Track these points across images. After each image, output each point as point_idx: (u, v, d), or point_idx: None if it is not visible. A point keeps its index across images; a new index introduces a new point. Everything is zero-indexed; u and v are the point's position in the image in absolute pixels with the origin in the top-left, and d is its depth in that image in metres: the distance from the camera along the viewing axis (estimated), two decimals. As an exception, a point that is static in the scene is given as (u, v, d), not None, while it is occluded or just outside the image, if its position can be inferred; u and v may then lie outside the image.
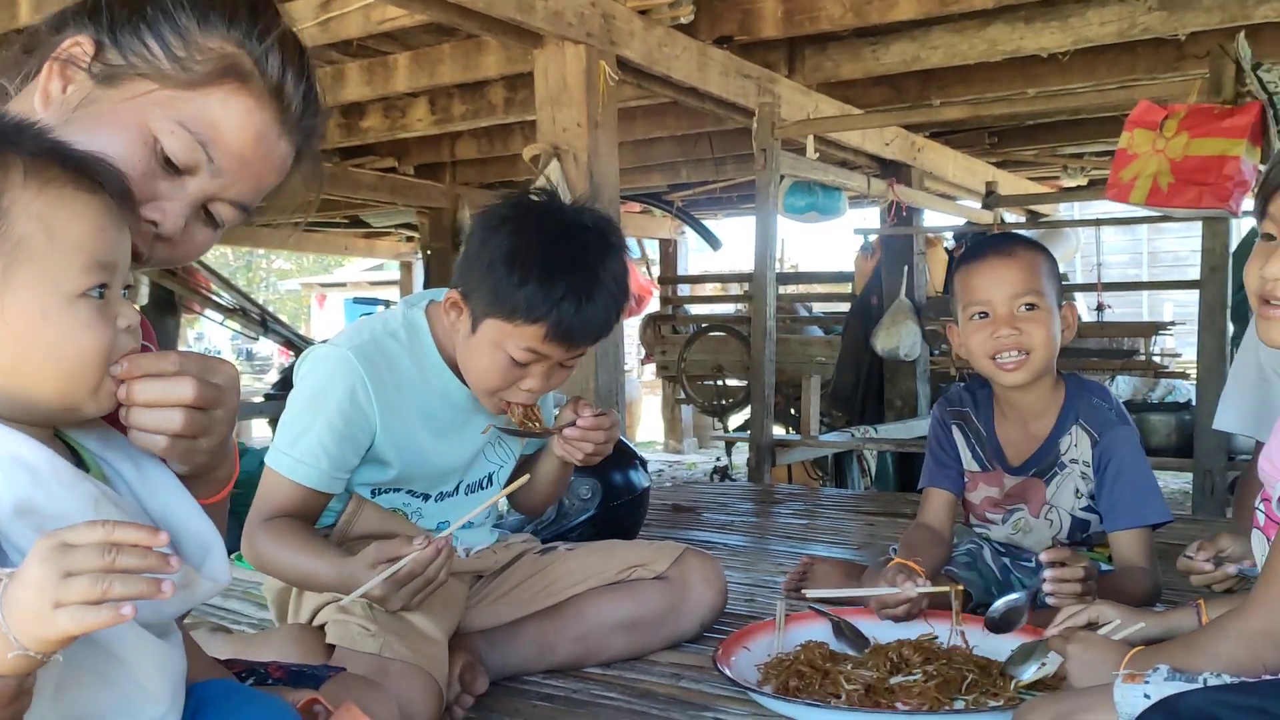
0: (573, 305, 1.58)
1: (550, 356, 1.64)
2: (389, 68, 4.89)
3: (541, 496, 1.93)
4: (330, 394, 1.64)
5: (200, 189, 1.08)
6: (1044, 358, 1.97)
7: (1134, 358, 5.96)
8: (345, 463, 1.66)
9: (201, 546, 0.97)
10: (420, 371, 1.73)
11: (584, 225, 1.65)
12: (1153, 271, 14.15)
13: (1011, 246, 2.01)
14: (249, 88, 1.08)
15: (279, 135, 1.11)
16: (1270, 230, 1.21)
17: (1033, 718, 1.25)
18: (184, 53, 1.05)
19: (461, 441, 1.80)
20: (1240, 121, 3.50)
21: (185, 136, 1.06)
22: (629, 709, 1.66)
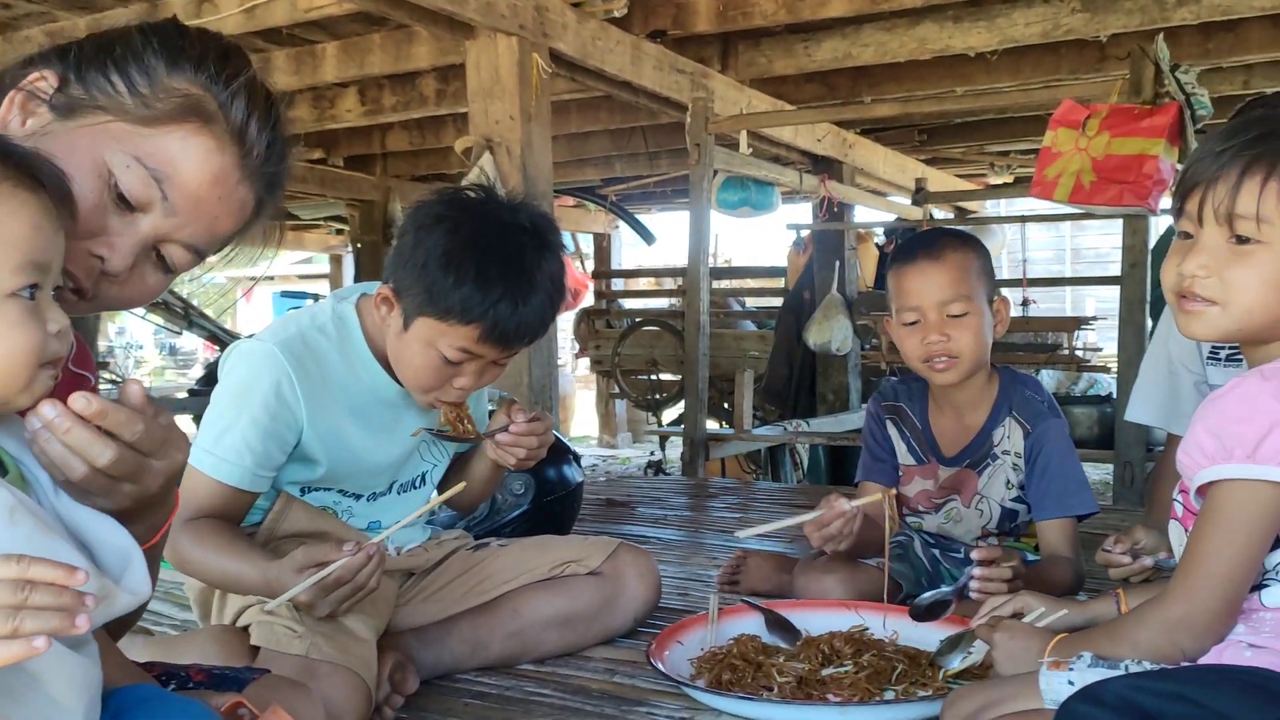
0: (509, 307, 1.57)
1: (484, 356, 1.62)
2: (317, 57, 4.79)
3: (474, 496, 1.91)
4: (255, 390, 1.60)
5: (153, 228, 1.07)
6: (973, 359, 2.01)
7: (1057, 352, 6.09)
8: (270, 460, 1.62)
9: (121, 557, 0.94)
10: (349, 368, 1.70)
11: (520, 225, 1.63)
12: (1075, 268, 14.52)
13: (941, 249, 2.01)
14: (210, 129, 1.07)
15: (238, 180, 1.10)
16: (1187, 228, 1.24)
17: (961, 706, 1.27)
18: (148, 90, 1.05)
19: (393, 440, 1.77)
20: (1159, 122, 3.59)
21: (141, 172, 1.04)
22: (562, 705, 1.65)
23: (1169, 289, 1.25)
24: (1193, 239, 1.23)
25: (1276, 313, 1.19)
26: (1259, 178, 1.17)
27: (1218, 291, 1.20)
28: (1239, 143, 1.20)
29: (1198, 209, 1.21)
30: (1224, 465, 1.15)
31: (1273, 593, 1.18)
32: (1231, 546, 1.15)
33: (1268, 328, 1.20)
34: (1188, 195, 1.23)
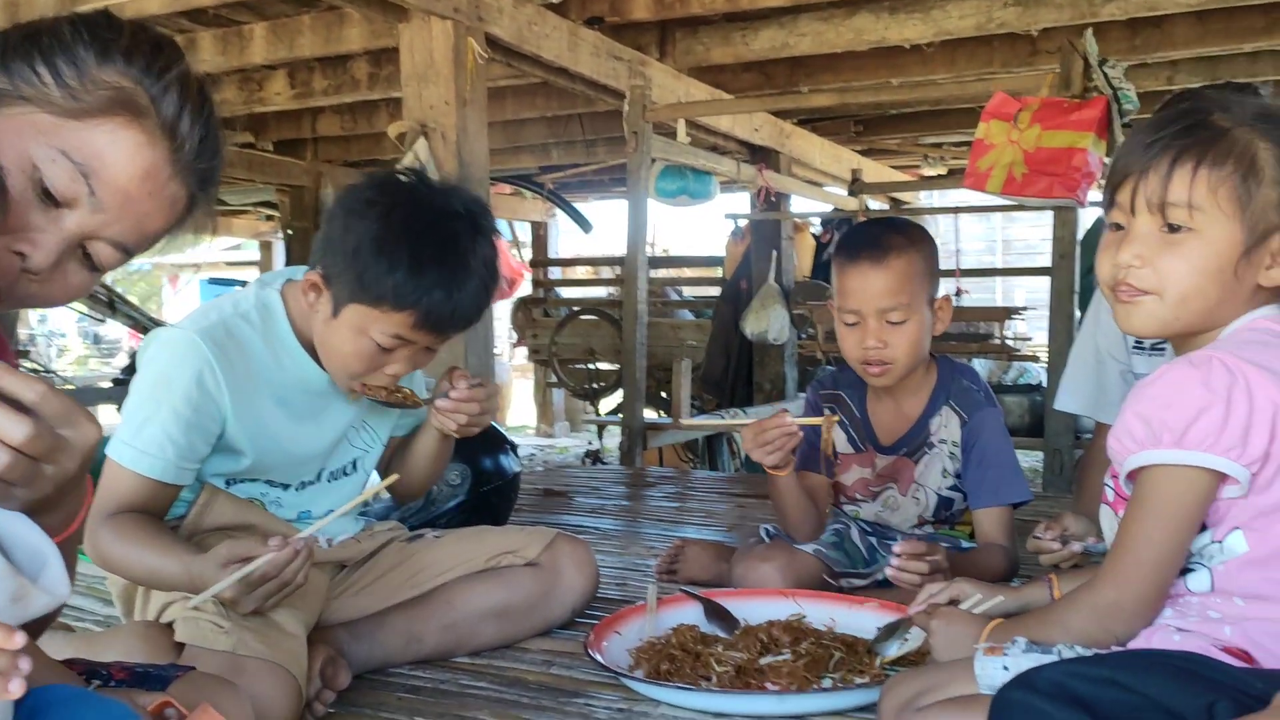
0: (443, 293, 1.54)
1: (417, 343, 1.60)
2: (245, 38, 4.68)
3: (421, 475, 1.86)
4: (176, 380, 1.54)
5: (79, 224, 1.02)
6: (908, 365, 2.03)
7: (989, 341, 6.20)
8: (193, 452, 1.57)
9: (36, 557, 0.90)
10: (274, 355, 1.65)
11: (454, 210, 1.60)
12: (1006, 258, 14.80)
13: (886, 253, 1.99)
14: (141, 123, 1.03)
15: (169, 176, 1.06)
16: (1118, 219, 1.26)
17: (899, 692, 1.27)
18: (76, 83, 1.00)
19: (320, 428, 1.73)
20: (1088, 115, 3.66)
21: (67, 166, 1.00)
22: (498, 698, 1.63)
23: (1105, 282, 1.27)
24: (1124, 230, 1.24)
25: (1212, 300, 1.21)
26: (1190, 166, 1.19)
27: (1152, 281, 1.21)
28: (1168, 134, 1.22)
29: (1130, 199, 1.22)
30: (1153, 450, 1.17)
31: (1198, 577, 1.20)
32: (1160, 531, 1.17)
33: (1204, 315, 1.22)
34: (1119, 186, 1.24)
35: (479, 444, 2.71)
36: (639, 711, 1.56)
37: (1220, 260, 1.19)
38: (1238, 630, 1.15)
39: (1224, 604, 1.17)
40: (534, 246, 10.25)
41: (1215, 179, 1.18)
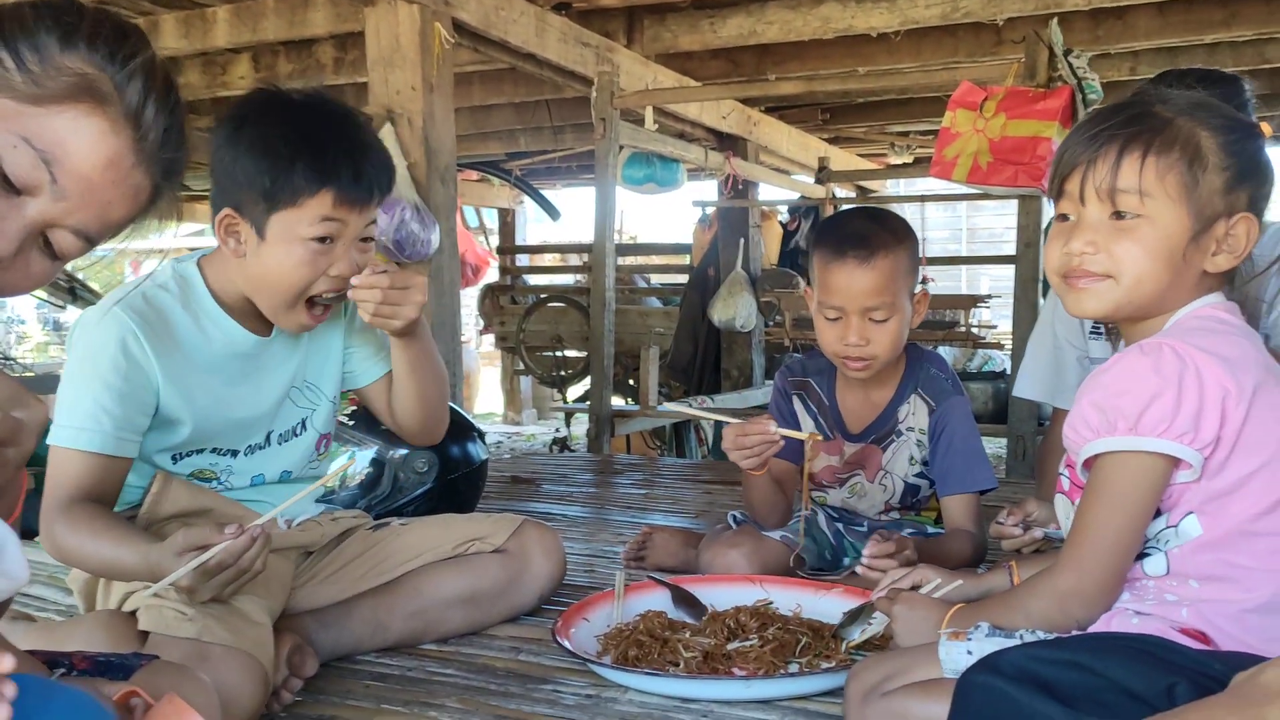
0: (349, 162, 1.58)
1: (346, 223, 1.60)
2: (207, 21, 4.61)
3: (412, 398, 1.81)
4: (101, 353, 1.55)
5: (40, 212, 1.00)
6: (887, 358, 2.04)
7: (954, 329, 6.26)
8: (130, 423, 1.56)
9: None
10: (196, 323, 1.65)
11: (323, 99, 1.66)
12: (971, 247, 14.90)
13: (873, 253, 1.97)
14: (104, 110, 1.01)
15: (133, 164, 1.04)
16: (1067, 210, 1.27)
17: (865, 677, 1.29)
18: (38, 68, 0.99)
19: (257, 390, 1.71)
20: (1052, 105, 3.69)
21: (28, 153, 0.98)
22: (466, 685, 1.63)
23: (1054, 271, 1.28)
24: (1072, 220, 1.26)
25: (1164, 283, 1.23)
26: (1137, 154, 1.21)
27: (1108, 265, 1.23)
28: (1114, 123, 1.24)
29: (1079, 189, 1.24)
30: (1108, 438, 1.19)
31: (1154, 561, 1.22)
32: (1117, 517, 1.19)
33: (1156, 299, 1.24)
34: (1067, 177, 1.26)
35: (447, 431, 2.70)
36: (607, 697, 1.56)
37: (1170, 245, 1.21)
38: (1194, 612, 1.17)
39: (1180, 587, 1.20)
40: (501, 233, 10.20)
41: (1163, 166, 1.21)
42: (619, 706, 1.53)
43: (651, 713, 1.50)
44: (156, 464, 1.65)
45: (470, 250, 8.55)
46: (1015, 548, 1.68)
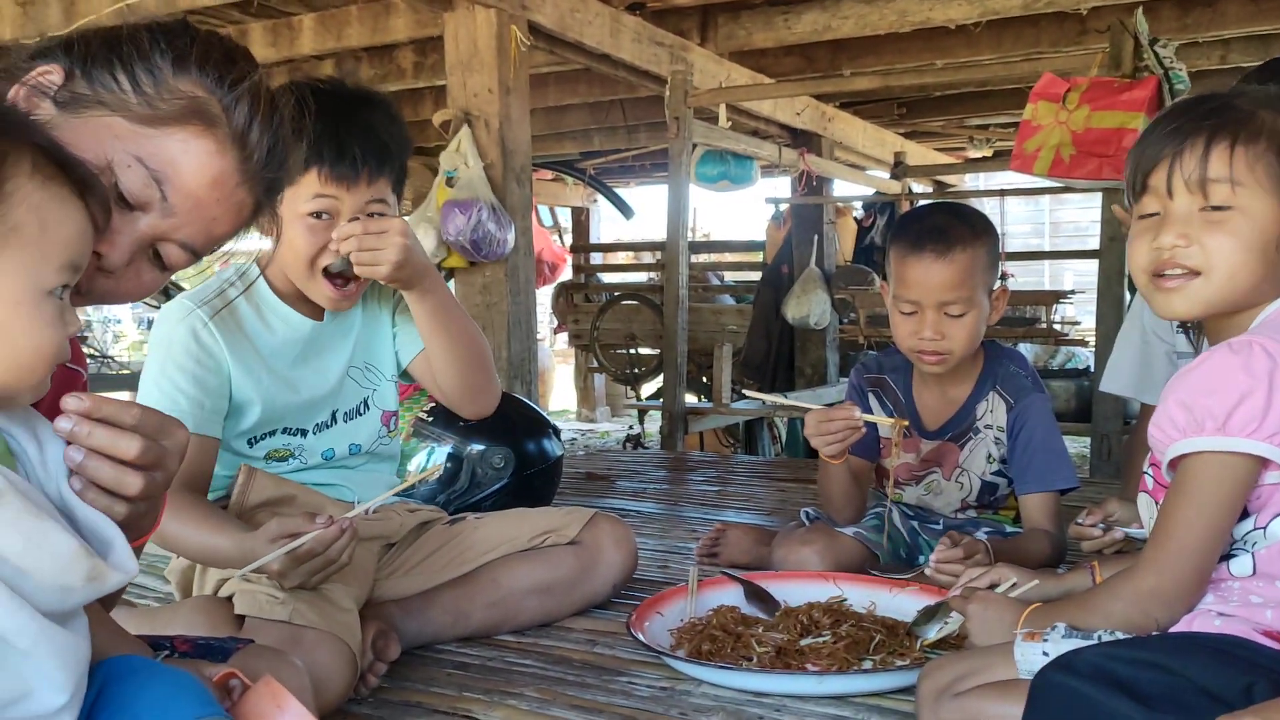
0: (334, 142, 1.62)
1: (340, 199, 1.66)
2: (294, 29, 4.74)
3: (443, 359, 1.83)
4: (174, 340, 1.65)
5: (151, 227, 1.08)
6: (963, 354, 2.02)
7: (1035, 325, 6.14)
8: (206, 403, 1.64)
9: (102, 535, 0.95)
10: (258, 313, 1.75)
11: (337, 85, 1.71)
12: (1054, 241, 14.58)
13: (950, 247, 1.95)
14: (213, 132, 1.08)
15: (238, 183, 1.11)
16: (1151, 206, 1.25)
17: (937, 676, 1.28)
18: (152, 90, 1.06)
19: (319, 370, 1.80)
20: (1138, 95, 3.60)
21: (141, 172, 1.05)
22: (544, 675, 1.66)
23: (1141, 269, 1.26)
24: (1158, 215, 1.24)
25: (1257, 276, 1.21)
26: (1226, 144, 1.19)
27: (1200, 259, 1.21)
28: (1195, 115, 1.22)
29: (1165, 182, 1.22)
30: (1195, 438, 1.17)
31: (1240, 562, 1.20)
32: (1202, 518, 1.17)
33: (1247, 293, 1.22)
34: (1151, 172, 1.24)
35: (522, 428, 2.75)
36: (680, 690, 1.58)
37: (1264, 236, 1.19)
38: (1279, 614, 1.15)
39: (1266, 588, 1.17)
40: (575, 232, 10.27)
41: (1252, 155, 1.19)
42: (692, 699, 1.54)
43: (725, 706, 1.51)
44: (235, 449, 1.74)
45: (545, 249, 8.63)
46: (1095, 549, 1.66)
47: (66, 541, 0.86)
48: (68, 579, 0.86)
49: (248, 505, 1.69)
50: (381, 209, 1.71)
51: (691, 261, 5.69)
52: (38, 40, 1.13)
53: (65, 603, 0.88)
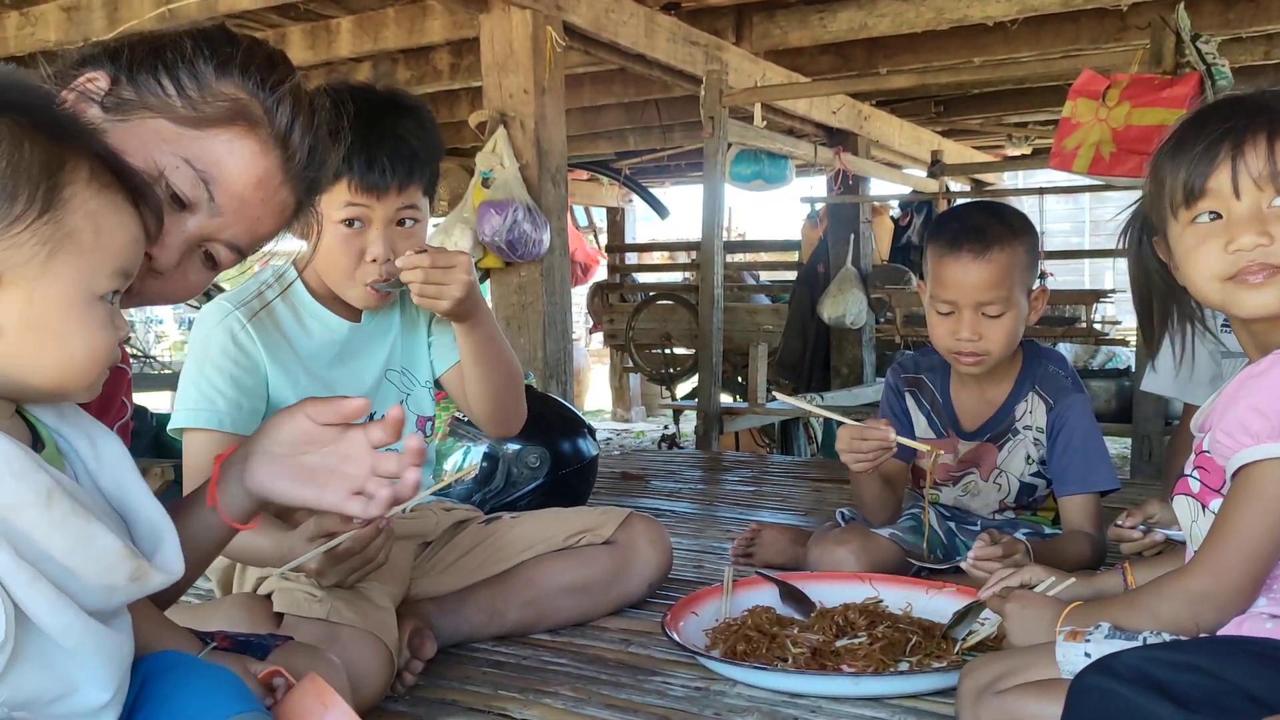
0: (363, 151, 1.63)
1: (370, 207, 1.67)
2: (332, 32, 4.78)
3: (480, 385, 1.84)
4: (212, 341, 1.67)
5: (199, 227, 1.11)
6: (1001, 355, 2.00)
7: (1075, 325, 6.07)
8: (243, 404, 1.66)
9: (154, 533, 0.97)
10: (296, 316, 1.76)
11: (366, 91, 1.71)
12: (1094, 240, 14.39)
13: (988, 247, 1.93)
14: (256, 133, 1.11)
15: (281, 182, 1.14)
16: (1213, 208, 1.22)
17: (978, 675, 1.27)
18: (196, 94, 1.09)
19: (356, 372, 1.81)
20: (1180, 92, 3.55)
21: (189, 173, 1.08)
22: (578, 674, 1.67)
23: (1218, 275, 1.21)
24: (1224, 219, 1.21)
25: None
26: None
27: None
28: (1242, 114, 1.20)
29: (1229, 183, 1.19)
30: (1271, 444, 1.14)
31: (1297, 565, 1.18)
32: (1264, 524, 1.15)
33: None
34: (1208, 175, 1.21)
35: (558, 428, 2.75)
36: (715, 690, 1.58)
37: None
38: (1333, 619, 1.13)
39: (1322, 592, 1.15)
40: (610, 232, 10.28)
41: None
42: (727, 700, 1.54)
43: (760, 706, 1.51)
44: None
45: (580, 249, 8.65)
46: (1135, 551, 1.63)
47: (112, 542, 0.88)
48: (112, 579, 0.88)
49: None
50: (414, 215, 1.72)
51: (727, 261, 5.68)
52: (82, 45, 1.16)
53: (109, 602, 0.90)
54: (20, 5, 4.45)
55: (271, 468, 1.15)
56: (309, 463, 1.16)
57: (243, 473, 1.15)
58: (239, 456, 1.18)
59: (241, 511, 1.17)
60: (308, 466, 1.16)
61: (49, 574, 0.84)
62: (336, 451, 1.17)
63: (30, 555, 0.83)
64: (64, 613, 0.84)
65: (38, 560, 0.84)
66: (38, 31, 4.42)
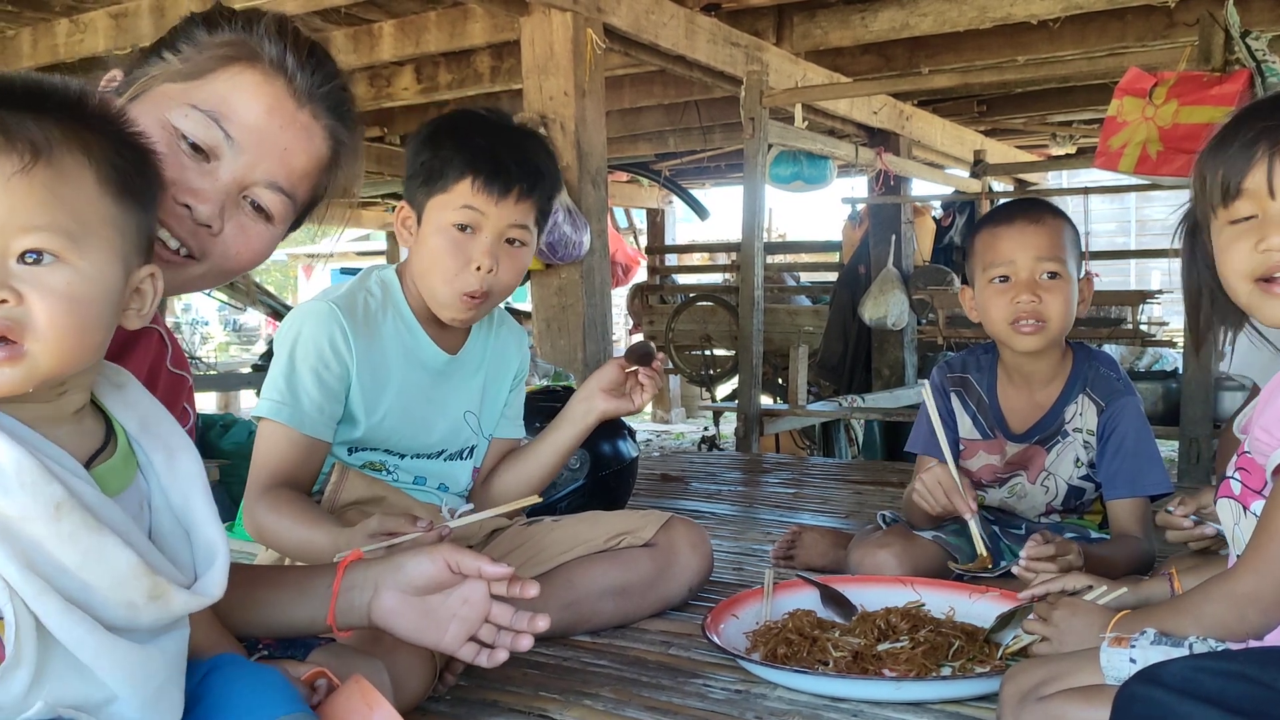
0: (486, 145, 1.68)
1: (486, 214, 1.69)
2: (374, 36, 4.83)
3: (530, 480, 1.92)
4: (311, 341, 1.69)
5: (230, 173, 1.15)
6: (1060, 327, 1.99)
7: (1121, 326, 5.97)
8: (326, 409, 1.69)
9: (208, 554, 0.98)
10: (394, 327, 1.78)
11: (503, 116, 1.79)
12: (1140, 240, 14.19)
13: (1040, 212, 2.02)
14: (255, 64, 1.17)
15: (296, 106, 1.19)
16: (1245, 210, 1.21)
17: (1021, 680, 1.26)
18: (192, 52, 1.17)
19: (440, 408, 1.82)
20: (1229, 89, 3.49)
21: (198, 116, 1.14)
22: (619, 675, 1.67)
23: (1247, 275, 1.21)
24: (1258, 219, 1.20)
25: None
26: None
27: None
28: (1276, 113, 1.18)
29: (1265, 183, 1.18)
30: None
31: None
32: None
33: None
34: (1245, 175, 1.20)
35: (598, 429, 2.75)
36: (756, 693, 1.58)
37: None
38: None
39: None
40: (650, 233, 10.29)
41: None
42: (767, 703, 1.54)
43: (800, 710, 1.50)
44: (334, 455, 1.77)
45: (620, 250, 8.67)
46: (1181, 540, 1.60)
47: (125, 557, 0.86)
48: (128, 595, 0.87)
49: (339, 503, 1.73)
50: (523, 236, 1.74)
51: (767, 262, 5.66)
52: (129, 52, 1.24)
53: (135, 619, 0.89)
54: (70, 13, 4.54)
55: (399, 606, 1.22)
56: (432, 603, 1.23)
57: (370, 601, 1.22)
58: (366, 580, 1.23)
59: (351, 627, 1.24)
60: (430, 607, 1.22)
61: (64, 587, 0.83)
62: (458, 595, 1.23)
63: (43, 568, 0.83)
64: (76, 626, 0.83)
65: (52, 573, 0.83)
66: (87, 39, 4.50)
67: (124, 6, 4.34)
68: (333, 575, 1.24)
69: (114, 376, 0.99)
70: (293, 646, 1.27)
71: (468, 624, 1.23)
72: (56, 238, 0.84)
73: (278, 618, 1.22)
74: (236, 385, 7.26)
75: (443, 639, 1.22)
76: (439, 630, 1.22)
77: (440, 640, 1.22)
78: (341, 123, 1.23)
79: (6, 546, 0.81)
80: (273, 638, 1.25)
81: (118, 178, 0.89)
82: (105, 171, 0.88)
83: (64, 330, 0.84)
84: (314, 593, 1.23)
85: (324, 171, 1.24)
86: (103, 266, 0.88)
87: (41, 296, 0.83)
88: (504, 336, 1.94)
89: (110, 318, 0.90)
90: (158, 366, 1.31)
